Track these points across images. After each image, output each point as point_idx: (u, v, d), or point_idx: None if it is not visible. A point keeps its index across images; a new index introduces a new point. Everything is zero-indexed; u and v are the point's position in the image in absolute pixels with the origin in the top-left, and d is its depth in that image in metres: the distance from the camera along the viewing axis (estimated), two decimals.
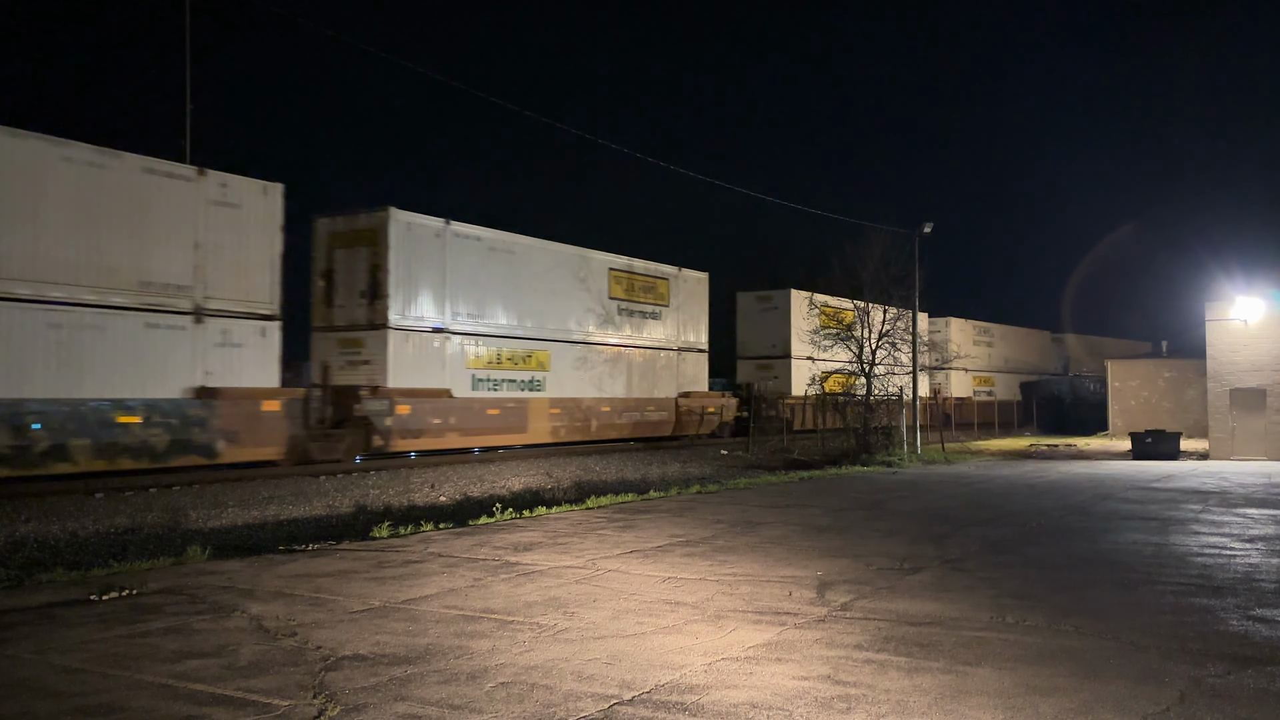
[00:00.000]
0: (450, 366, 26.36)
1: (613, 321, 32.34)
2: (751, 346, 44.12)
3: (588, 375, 30.99)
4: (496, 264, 27.97)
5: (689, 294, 36.80)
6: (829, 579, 9.47)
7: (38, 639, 7.11)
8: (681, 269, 36.40)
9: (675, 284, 36.02)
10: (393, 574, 9.63)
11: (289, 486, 19.36)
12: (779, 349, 43.20)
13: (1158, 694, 5.91)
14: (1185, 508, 15.99)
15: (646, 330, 34.15)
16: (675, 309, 35.77)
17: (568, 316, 30.54)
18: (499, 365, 27.88)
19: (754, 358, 43.76)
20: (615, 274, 32.89)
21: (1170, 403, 43.16)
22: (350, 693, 5.88)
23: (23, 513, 15.21)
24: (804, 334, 39.47)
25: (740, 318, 44.36)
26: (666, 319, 35.32)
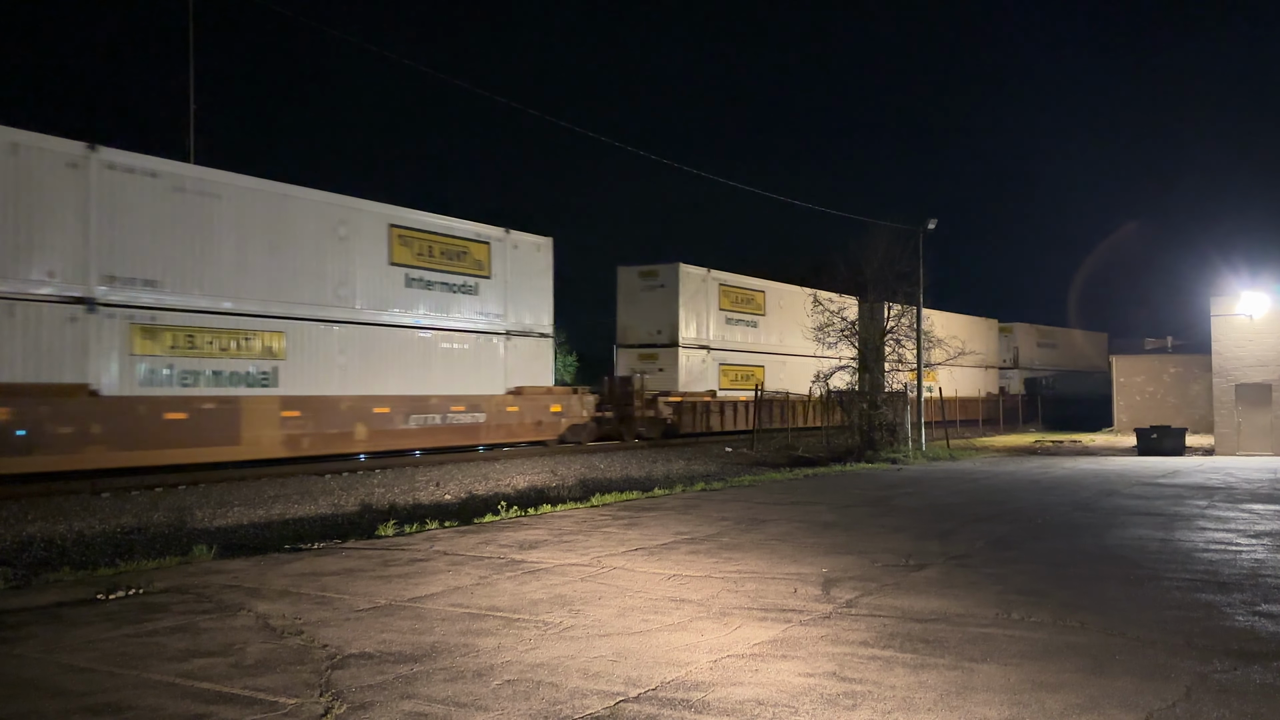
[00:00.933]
0: (97, 352, 18.94)
1: (397, 295, 24.77)
2: (634, 332, 37.25)
3: (353, 366, 23.49)
4: (189, 211, 20.55)
5: (522, 264, 28.95)
6: (834, 576, 9.47)
7: (45, 638, 7.14)
8: (511, 231, 28.59)
9: (500, 251, 28.13)
10: (398, 572, 9.64)
11: (294, 485, 19.40)
12: (665, 336, 36.54)
13: (1164, 690, 5.90)
14: (1191, 503, 15.96)
15: (454, 308, 26.49)
16: (500, 282, 27.95)
17: (321, 287, 22.93)
18: (193, 350, 20.50)
19: (637, 346, 37.01)
20: (402, 233, 25.12)
21: (1175, 398, 43.07)
22: (356, 691, 5.89)
23: (30, 513, 15.26)
24: (699, 318, 36.33)
25: (622, 298, 37.47)
26: (487, 294, 27.49)
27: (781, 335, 41.77)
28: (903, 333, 31.98)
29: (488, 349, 27.65)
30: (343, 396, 23.25)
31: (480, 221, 27.86)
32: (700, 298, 37.29)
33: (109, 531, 13.69)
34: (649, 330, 36.85)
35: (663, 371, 36.01)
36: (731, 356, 39.26)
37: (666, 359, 36.29)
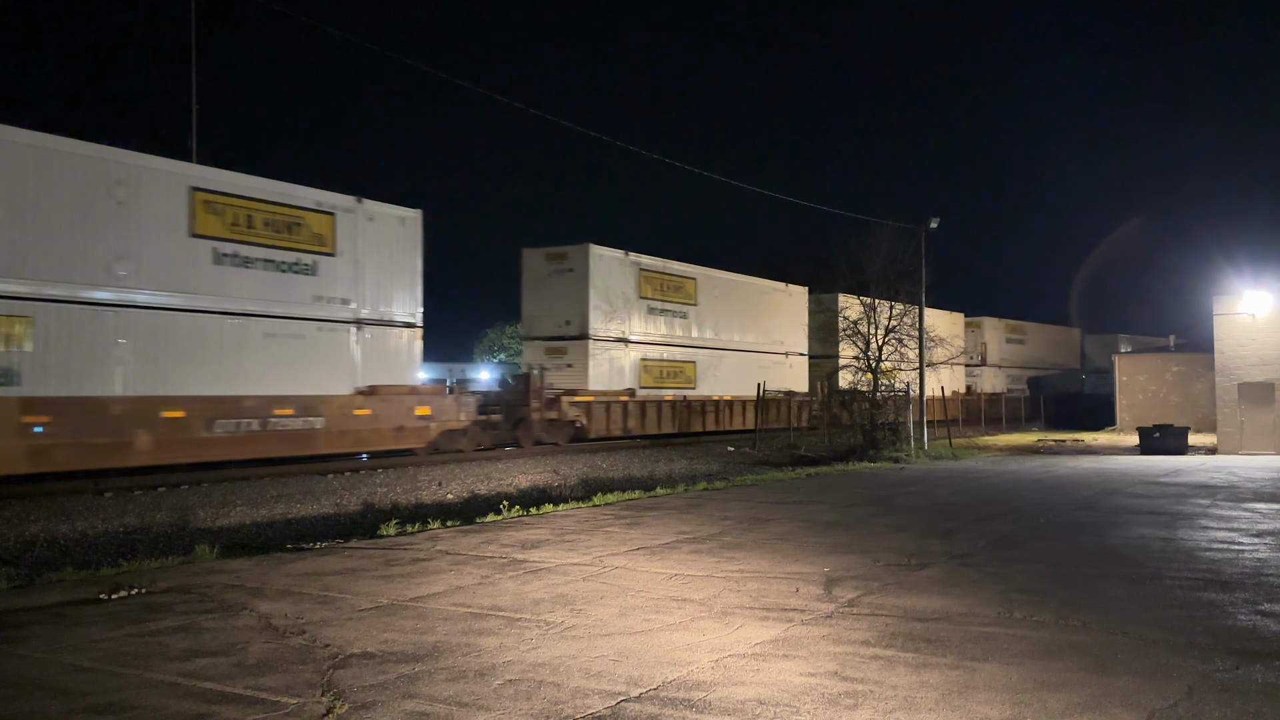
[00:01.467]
0: None
1: (201, 274, 20.36)
2: (540, 323, 32.61)
3: (135, 360, 19.19)
4: None
5: (381, 240, 24.19)
6: (836, 575, 9.47)
7: (48, 638, 7.15)
8: (365, 201, 23.90)
9: (349, 224, 23.33)
10: (400, 572, 9.65)
11: (297, 485, 19.41)
12: (575, 327, 31.65)
13: (1166, 689, 5.90)
14: (1193, 503, 15.94)
15: (283, 291, 21.89)
16: (350, 261, 23.34)
17: (88, 262, 18.60)
18: None
19: (544, 339, 32.33)
20: (209, 199, 20.56)
21: (1178, 397, 43.02)
22: (358, 690, 5.90)
23: (32, 512, 15.28)
24: (616, 307, 32.08)
25: (527, 285, 32.85)
26: (331, 275, 22.92)
27: (717, 328, 37.57)
28: (904, 332, 31.96)
29: (330, 341, 22.84)
30: (116, 398, 18.65)
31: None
32: (618, 284, 32.63)
33: (112, 531, 13.71)
34: (557, 321, 32.07)
35: (571, 368, 31.50)
36: (655, 351, 34.48)
37: (576, 353, 31.60)
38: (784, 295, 41.85)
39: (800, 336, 42.42)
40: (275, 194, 21.95)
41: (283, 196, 22.08)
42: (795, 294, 42.48)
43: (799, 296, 42.78)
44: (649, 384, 33.95)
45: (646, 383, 33.87)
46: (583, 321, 31.56)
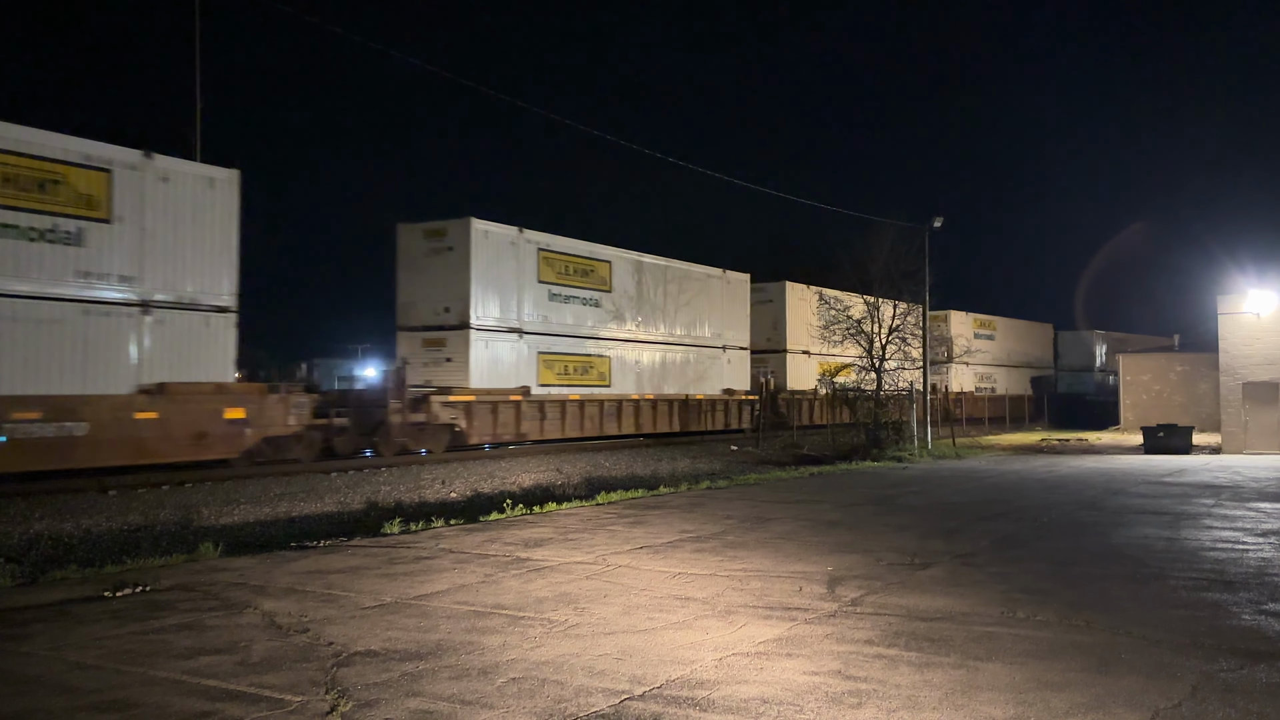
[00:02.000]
0: None
1: None
2: (416, 311, 27.90)
3: None
4: None
5: (178, 204, 19.92)
6: (839, 574, 9.47)
7: (52, 636, 7.16)
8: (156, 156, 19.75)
9: (133, 183, 19.12)
10: (404, 570, 9.66)
11: (300, 484, 19.42)
12: (455, 315, 27.23)
13: (1170, 689, 5.89)
14: (1197, 502, 15.92)
15: (29, 263, 17.63)
16: (134, 228, 19.08)
17: None
18: None
19: (420, 328, 27.80)
20: None
21: (1182, 396, 42.95)
22: (362, 688, 5.90)
23: (36, 510, 15.31)
24: (506, 292, 28.07)
25: (402, 266, 28.13)
26: (104, 246, 18.62)
27: (638, 319, 33.78)
28: (908, 331, 31.95)
29: (100, 328, 18.56)
30: None
31: None
32: (509, 266, 28.41)
33: (116, 529, 13.74)
34: (434, 308, 27.61)
35: (451, 362, 27.22)
36: (559, 344, 30.19)
37: (455, 345, 27.22)
38: (720, 283, 37.75)
39: (741, 330, 38.78)
40: (18, 142, 17.58)
41: (30, 146, 17.69)
42: (735, 282, 38.56)
43: (739, 285, 38.92)
44: (551, 381, 29.75)
45: (547, 380, 29.67)
46: (463, 308, 27.11)
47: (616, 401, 31.73)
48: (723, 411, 36.54)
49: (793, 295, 41.93)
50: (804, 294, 41.85)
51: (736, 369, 38.37)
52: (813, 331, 40.32)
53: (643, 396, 33.03)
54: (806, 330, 41.00)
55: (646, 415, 33.06)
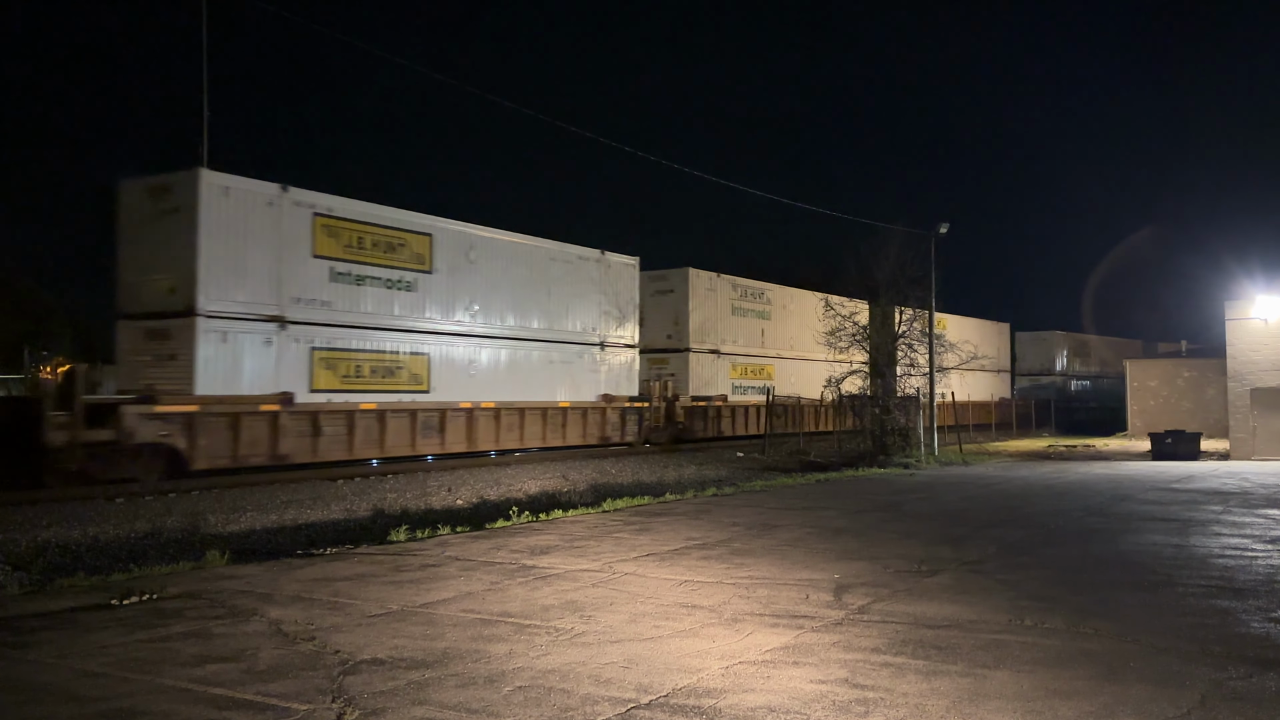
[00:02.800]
0: None
1: None
2: (138, 294, 21.58)
3: None
4: None
5: None
6: (846, 582, 9.45)
7: (59, 643, 7.17)
8: None
9: None
10: (410, 578, 9.66)
11: (307, 490, 19.44)
12: (181, 300, 20.75)
13: (1178, 697, 5.87)
14: (1206, 509, 15.86)
15: None
16: None
17: None
18: None
19: (143, 316, 21.45)
20: None
21: (1190, 402, 42.84)
22: (368, 696, 5.90)
23: (44, 518, 15.34)
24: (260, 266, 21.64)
25: (123, 235, 21.88)
26: None
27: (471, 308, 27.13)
28: (915, 337, 31.90)
29: None
30: None
31: None
32: (265, 234, 22.01)
33: (123, 537, 13.75)
34: (157, 289, 21.29)
35: (175, 360, 20.92)
36: (343, 338, 23.63)
37: (181, 337, 20.82)
38: (595, 266, 31.74)
39: (627, 325, 33.01)
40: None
41: None
42: (617, 266, 32.61)
43: (623, 270, 33.07)
44: (334, 386, 23.42)
45: (329, 384, 23.28)
46: (189, 289, 20.68)
47: (438, 411, 25.48)
48: (597, 422, 30.93)
49: (698, 284, 36.51)
50: (713, 283, 37.47)
51: (617, 371, 32.52)
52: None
53: (478, 405, 26.70)
54: (719, 326, 37.57)
55: (486, 428, 26.93)
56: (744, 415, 37.54)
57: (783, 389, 39.21)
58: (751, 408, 37.76)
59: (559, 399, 29.62)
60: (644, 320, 34.60)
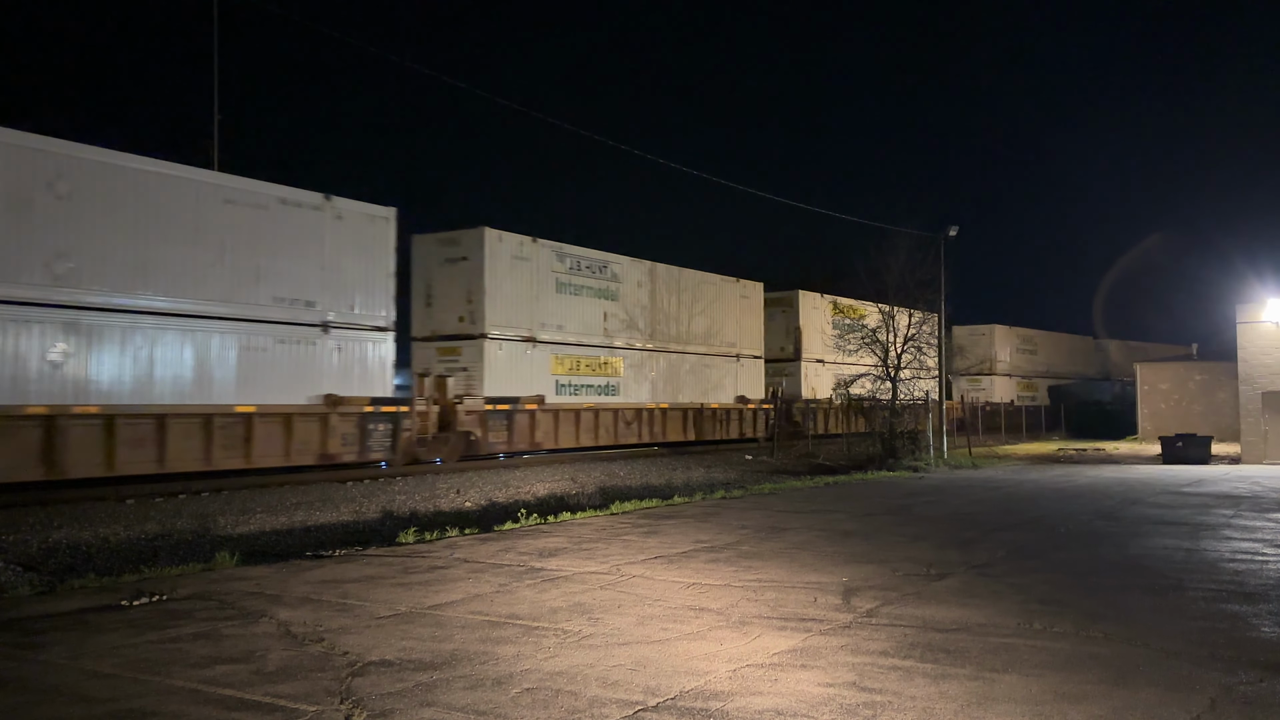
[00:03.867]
0: None
1: None
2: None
3: None
4: None
5: None
6: (855, 585, 9.43)
7: (70, 644, 7.21)
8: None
9: None
10: (419, 579, 9.68)
11: (316, 493, 19.49)
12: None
13: (1188, 701, 5.84)
14: (1216, 513, 15.80)
15: None
16: None
17: None
18: None
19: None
20: None
21: (1201, 406, 42.66)
22: (377, 698, 5.92)
23: (55, 519, 15.41)
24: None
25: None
26: None
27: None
28: (924, 340, 31.85)
29: None
30: None
31: None
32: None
33: (133, 538, 13.81)
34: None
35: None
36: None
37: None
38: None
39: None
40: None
41: None
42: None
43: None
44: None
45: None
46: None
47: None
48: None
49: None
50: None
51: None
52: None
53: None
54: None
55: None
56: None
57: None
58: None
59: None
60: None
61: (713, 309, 35.40)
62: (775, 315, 39.66)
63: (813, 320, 40.84)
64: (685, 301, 34.07)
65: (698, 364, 34.64)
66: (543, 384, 28.53)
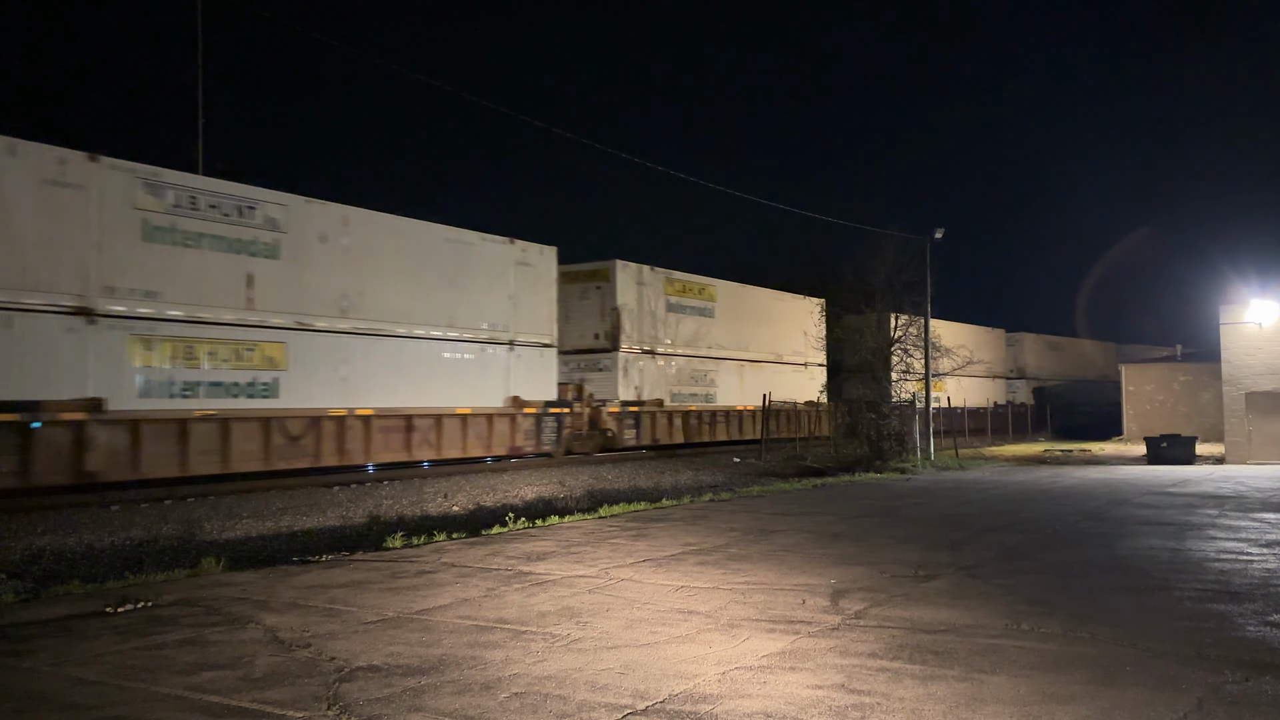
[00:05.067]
0: None
1: None
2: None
3: None
4: None
5: None
6: (843, 587, 9.44)
7: (55, 651, 7.15)
8: None
9: None
10: (406, 584, 9.64)
11: (303, 497, 19.40)
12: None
13: (1175, 701, 5.87)
14: (1201, 513, 15.89)
15: None
16: None
17: None
18: None
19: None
20: None
21: (1186, 406, 42.92)
22: (364, 704, 5.89)
23: (39, 525, 15.29)
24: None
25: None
26: None
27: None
28: (910, 342, 31.94)
29: None
30: None
31: None
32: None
33: (118, 544, 13.71)
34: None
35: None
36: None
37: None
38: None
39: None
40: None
41: None
42: None
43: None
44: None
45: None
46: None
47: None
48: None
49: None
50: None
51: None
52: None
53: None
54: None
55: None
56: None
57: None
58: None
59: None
60: None
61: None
62: None
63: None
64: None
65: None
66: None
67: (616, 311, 32.00)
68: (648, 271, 33.76)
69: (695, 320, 35.49)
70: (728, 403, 36.71)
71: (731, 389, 37.06)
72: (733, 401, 37.01)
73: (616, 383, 32.05)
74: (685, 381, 34.95)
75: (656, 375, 33.73)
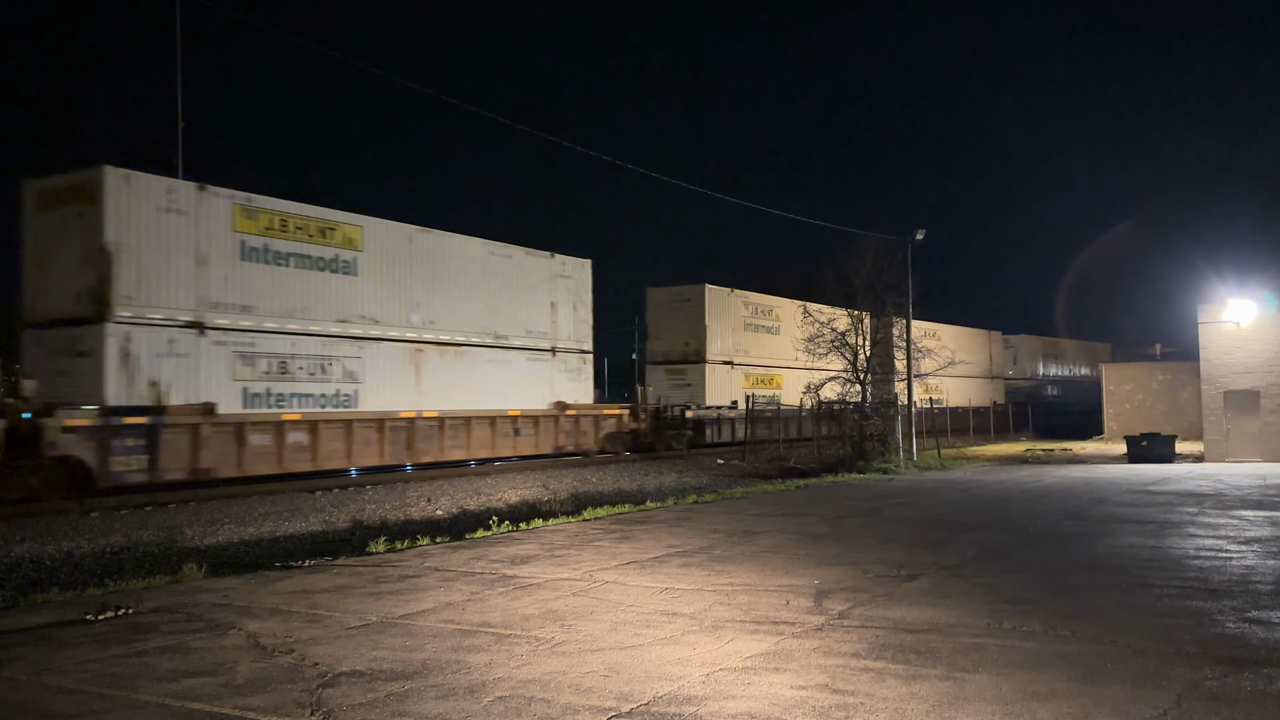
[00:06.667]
0: None
1: None
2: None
3: None
4: None
5: None
6: (826, 587, 9.47)
7: (35, 660, 7.09)
8: None
9: None
10: (389, 589, 9.61)
11: (285, 503, 19.31)
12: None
13: (1155, 697, 5.92)
14: (1181, 511, 16.01)
15: None
16: None
17: None
18: None
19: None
20: None
21: (1165, 405, 43.24)
22: (348, 709, 5.86)
23: (18, 533, 15.17)
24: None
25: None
26: None
27: None
28: (892, 343, 32.05)
29: None
30: None
31: None
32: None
33: (98, 551, 13.61)
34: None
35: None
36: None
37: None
38: None
39: None
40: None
41: None
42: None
43: None
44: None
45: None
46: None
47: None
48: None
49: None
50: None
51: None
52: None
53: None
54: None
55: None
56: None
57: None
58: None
59: None
60: None
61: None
62: None
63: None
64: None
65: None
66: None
67: None
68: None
69: None
70: None
71: None
72: None
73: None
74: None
75: None
